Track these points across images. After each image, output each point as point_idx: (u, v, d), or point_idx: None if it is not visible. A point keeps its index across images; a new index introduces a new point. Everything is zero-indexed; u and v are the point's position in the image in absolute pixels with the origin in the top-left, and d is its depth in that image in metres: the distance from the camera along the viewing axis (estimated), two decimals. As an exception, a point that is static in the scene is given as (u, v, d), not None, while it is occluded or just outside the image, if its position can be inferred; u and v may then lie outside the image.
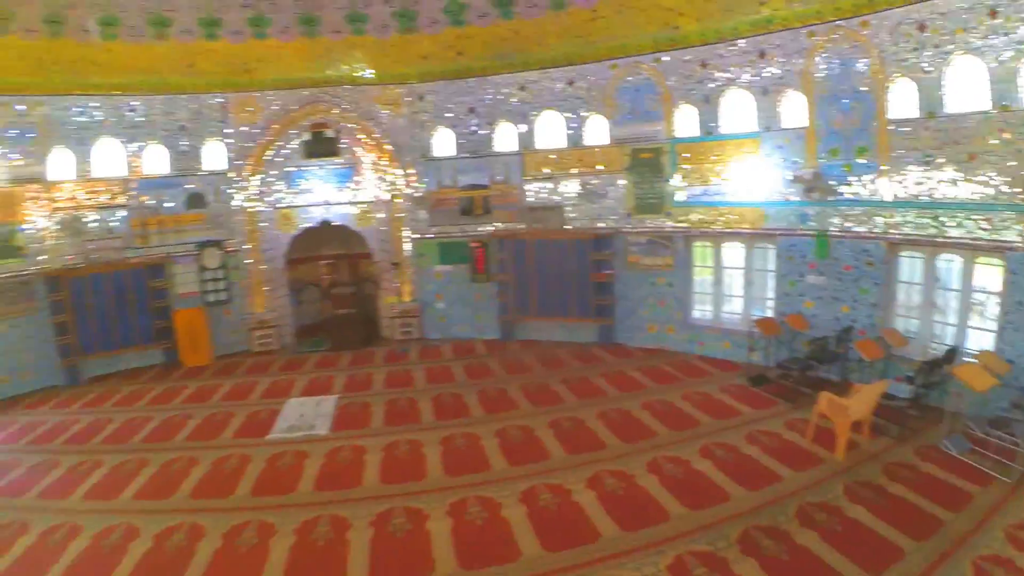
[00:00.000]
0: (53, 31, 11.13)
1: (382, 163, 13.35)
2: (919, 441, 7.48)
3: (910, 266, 9.19)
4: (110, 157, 12.49)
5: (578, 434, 8.28)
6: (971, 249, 8.27)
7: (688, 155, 11.25)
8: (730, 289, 11.60)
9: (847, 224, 9.49)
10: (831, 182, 9.55)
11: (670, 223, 11.62)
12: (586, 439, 8.11)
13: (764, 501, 6.32)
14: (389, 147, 13.24)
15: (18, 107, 11.44)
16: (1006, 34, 7.56)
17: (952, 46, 8.07)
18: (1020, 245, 7.63)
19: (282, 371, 12.08)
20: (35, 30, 10.99)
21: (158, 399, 10.91)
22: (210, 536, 6.30)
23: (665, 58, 11.11)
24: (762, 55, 10.08)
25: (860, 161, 9.22)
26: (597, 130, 12.21)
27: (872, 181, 9.12)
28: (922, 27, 8.31)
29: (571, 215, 12.62)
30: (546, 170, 12.72)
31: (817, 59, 9.48)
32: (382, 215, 13.61)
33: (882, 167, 8.98)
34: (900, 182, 8.82)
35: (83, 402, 11.04)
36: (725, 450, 7.50)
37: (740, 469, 7.02)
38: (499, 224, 13.20)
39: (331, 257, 14.56)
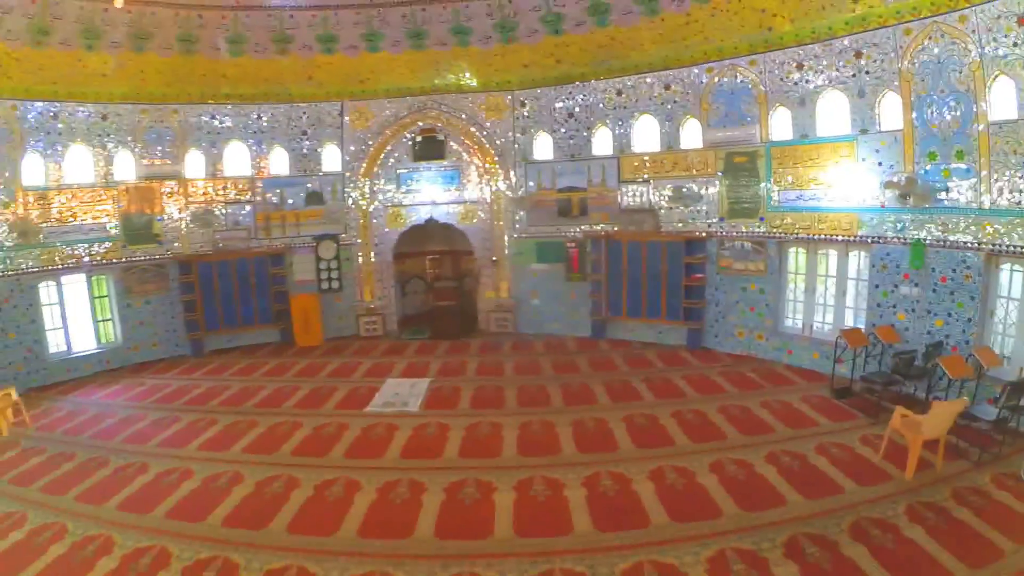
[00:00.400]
0: (186, 49, 12.73)
1: (485, 166, 14.28)
2: (999, 468, 7.18)
3: (1011, 280, 8.73)
4: (238, 158, 14.14)
5: (650, 430, 8.63)
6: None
7: (783, 159, 11.21)
8: (823, 298, 11.44)
9: (944, 233, 9.13)
10: (931, 187, 9.20)
11: (763, 228, 11.63)
12: (656, 435, 8.46)
13: (820, 510, 6.39)
14: (492, 150, 14.11)
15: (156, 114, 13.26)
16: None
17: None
18: None
19: (384, 355, 13.25)
20: (170, 48, 12.64)
21: (271, 372, 12.42)
22: (304, 487, 7.36)
23: (760, 60, 11.14)
24: (858, 55, 9.88)
25: (959, 165, 8.83)
26: (692, 134, 12.41)
27: (972, 187, 8.73)
28: (1022, 21, 7.90)
29: (665, 218, 12.91)
30: (643, 174, 13.07)
31: (914, 58, 9.20)
32: (484, 214, 14.59)
33: (982, 172, 8.57)
34: (1001, 188, 8.41)
35: (204, 370, 12.74)
36: (791, 458, 7.59)
37: (803, 478, 7.11)
38: (595, 225, 13.71)
39: (435, 252, 15.67)
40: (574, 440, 8.39)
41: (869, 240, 10.15)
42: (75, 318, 12.92)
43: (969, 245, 8.87)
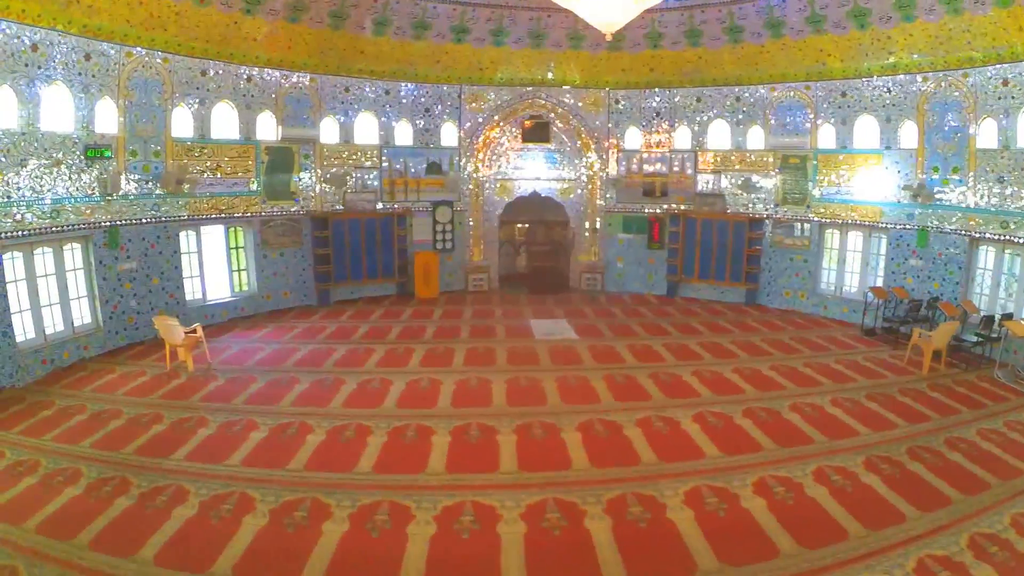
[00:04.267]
0: (336, 24, 16.68)
1: (583, 150, 19.93)
2: (981, 372, 12.92)
3: (986, 256, 14.87)
4: (368, 128, 18.63)
5: (746, 346, 14.44)
6: (1024, 245, 13.82)
7: (826, 163, 17.38)
8: (850, 267, 17.68)
9: (941, 223, 15.17)
10: (934, 191, 15.22)
11: (809, 213, 17.79)
12: (754, 350, 14.33)
13: (874, 386, 12.48)
14: (590, 138, 19.75)
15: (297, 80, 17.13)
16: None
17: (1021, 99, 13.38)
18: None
19: (504, 304, 18.73)
20: (321, 22, 16.45)
21: (415, 315, 17.13)
22: (548, 381, 12.82)
23: (814, 86, 17.22)
24: (888, 91, 15.90)
25: (954, 177, 14.85)
26: (756, 137, 18.49)
27: (962, 192, 14.73)
28: (1006, 82, 13.55)
29: (731, 202, 18.98)
30: (714, 166, 19.14)
31: (928, 99, 15.13)
32: (580, 191, 20.29)
33: (970, 183, 14.56)
34: (982, 194, 14.38)
35: (348, 315, 17.02)
36: (849, 361, 13.63)
37: (859, 370, 13.08)
38: (674, 205, 19.64)
39: (535, 221, 21.15)
40: (678, 349, 14.27)
41: (888, 226, 16.33)
42: (211, 267, 16.06)
43: (959, 232, 14.92)
